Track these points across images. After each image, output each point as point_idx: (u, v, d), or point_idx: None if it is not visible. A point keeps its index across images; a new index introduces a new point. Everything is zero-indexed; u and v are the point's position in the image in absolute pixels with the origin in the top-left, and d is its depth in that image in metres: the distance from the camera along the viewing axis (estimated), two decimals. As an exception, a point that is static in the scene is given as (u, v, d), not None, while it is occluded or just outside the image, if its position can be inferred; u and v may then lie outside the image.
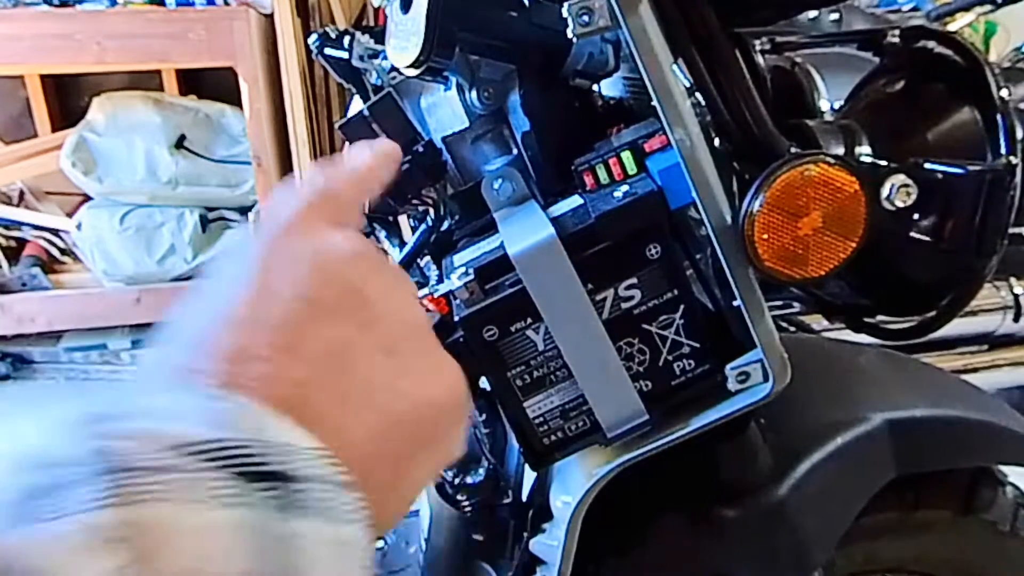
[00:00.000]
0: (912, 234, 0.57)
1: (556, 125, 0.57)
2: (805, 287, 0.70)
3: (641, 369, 0.55)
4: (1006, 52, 1.82)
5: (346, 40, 0.81)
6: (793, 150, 0.54)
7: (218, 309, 0.30)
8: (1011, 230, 0.57)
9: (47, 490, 0.22)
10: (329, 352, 0.30)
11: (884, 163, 0.59)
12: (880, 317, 0.68)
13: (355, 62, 0.80)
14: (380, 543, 1.23)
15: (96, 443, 0.24)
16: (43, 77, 2.79)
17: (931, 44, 0.63)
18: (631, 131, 0.54)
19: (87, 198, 2.64)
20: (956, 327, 0.61)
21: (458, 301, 0.53)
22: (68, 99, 2.92)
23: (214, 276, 0.32)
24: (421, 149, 0.58)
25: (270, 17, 2.45)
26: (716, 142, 0.55)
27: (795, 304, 1.17)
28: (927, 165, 0.55)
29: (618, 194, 0.52)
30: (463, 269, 0.52)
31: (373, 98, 0.58)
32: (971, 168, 0.55)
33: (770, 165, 0.50)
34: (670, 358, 0.55)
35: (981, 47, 2.81)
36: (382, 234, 0.78)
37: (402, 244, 0.77)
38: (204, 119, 2.66)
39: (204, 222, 2.63)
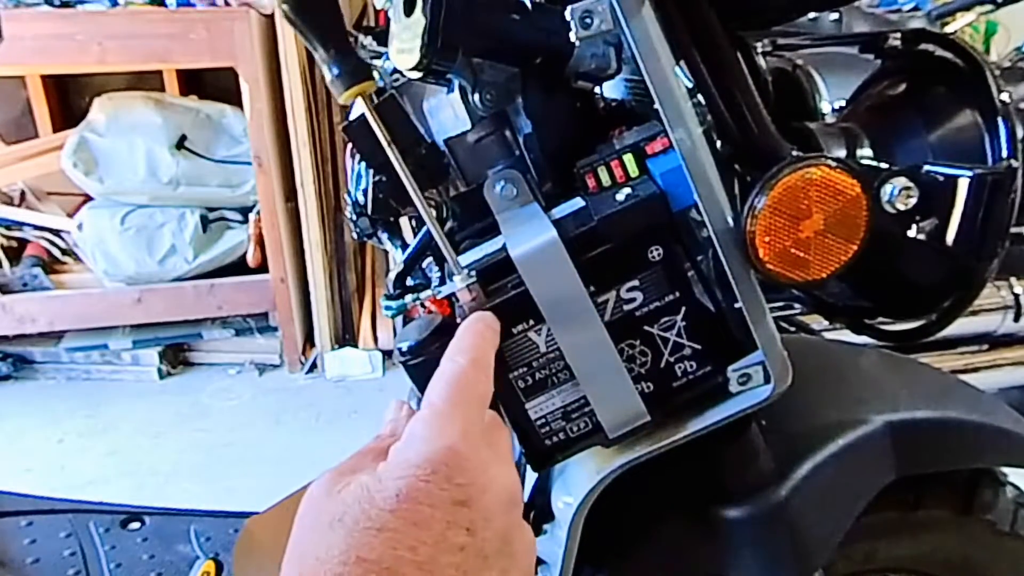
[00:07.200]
0: (913, 237, 0.57)
1: (558, 127, 0.57)
2: (806, 289, 0.70)
3: (643, 371, 0.55)
4: (1006, 52, 1.82)
5: (348, 42, 0.81)
6: (794, 153, 0.54)
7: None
8: (1011, 230, 0.57)
9: None
10: None
11: (885, 166, 0.59)
12: (881, 319, 0.68)
13: (357, 64, 0.80)
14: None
15: None
16: (44, 77, 2.80)
17: (932, 47, 0.63)
18: (633, 133, 0.55)
19: (88, 198, 2.65)
20: (957, 327, 0.61)
21: (461, 303, 0.53)
22: (69, 99, 2.92)
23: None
24: (424, 151, 0.58)
25: (270, 17, 2.45)
26: (717, 145, 0.55)
27: (796, 305, 1.18)
28: (928, 168, 0.55)
29: (620, 196, 0.52)
30: (466, 271, 0.52)
31: (376, 100, 0.58)
32: (972, 171, 0.55)
33: (771, 168, 0.50)
34: (672, 360, 0.55)
35: (981, 47, 2.81)
36: (384, 235, 0.78)
37: (404, 245, 0.77)
38: (205, 119, 2.66)
39: (205, 222, 2.63)
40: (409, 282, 0.63)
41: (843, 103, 0.74)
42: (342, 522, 0.35)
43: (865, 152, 0.63)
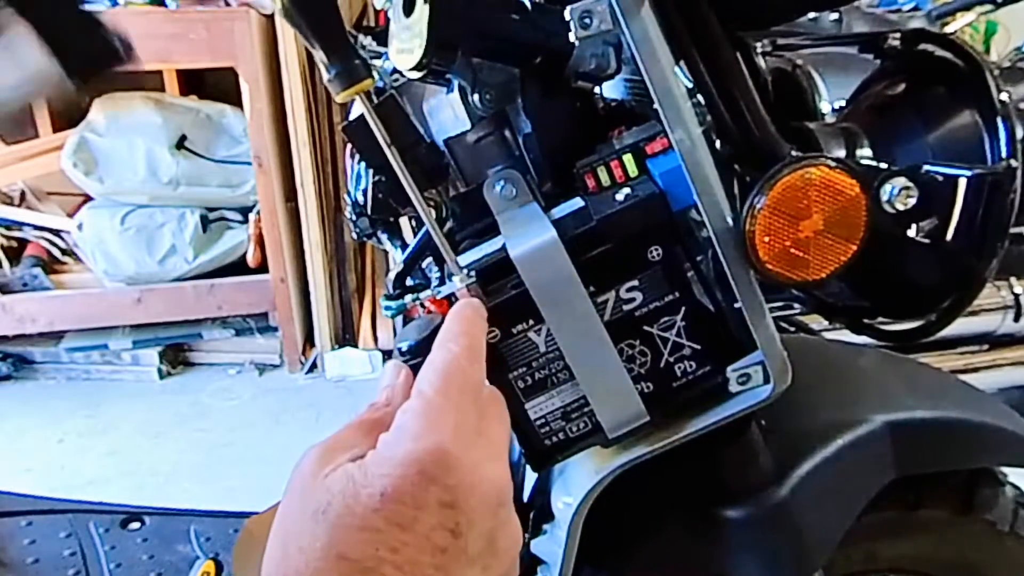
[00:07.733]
0: (912, 237, 0.57)
1: (558, 127, 0.57)
2: (806, 289, 0.70)
3: (642, 371, 0.55)
4: (1006, 52, 1.82)
5: (348, 42, 0.81)
6: (794, 153, 0.54)
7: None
8: (1011, 230, 0.57)
9: None
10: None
11: (885, 166, 0.59)
12: (881, 319, 0.68)
13: (357, 64, 0.80)
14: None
15: None
16: (44, 77, 2.79)
17: (931, 47, 0.63)
18: (632, 133, 0.55)
19: (88, 198, 2.65)
20: (957, 327, 0.62)
21: (460, 303, 0.53)
22: (69, 99, 2.92)
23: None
24: (423, 151, 0.58)
25: (270, 17, 2.45)
26: (717, 145, 0.55)
27: (796, 305, 1.18)
28: (928, 168, 0.55)
29: (620, 196, 0.52)
30: (465, 271, 0.52)
31: (375, 100, 0.58)
32: (972, 171, 0.55)
33: (771, 168, 0.50)
34: (671, 360, 0.55)
35: (981, 47, 2.81)
36: (384, 235, 0.78)
37: (404, 245, 0.77)
38: (205, 119, 2.66)
39: (205, 222, 2.63)
40: (409, 282, 0.63)
41: (843, 103, 0.74)
42: (326, 514, 0.35)
43: (865, 152, 0.63)
